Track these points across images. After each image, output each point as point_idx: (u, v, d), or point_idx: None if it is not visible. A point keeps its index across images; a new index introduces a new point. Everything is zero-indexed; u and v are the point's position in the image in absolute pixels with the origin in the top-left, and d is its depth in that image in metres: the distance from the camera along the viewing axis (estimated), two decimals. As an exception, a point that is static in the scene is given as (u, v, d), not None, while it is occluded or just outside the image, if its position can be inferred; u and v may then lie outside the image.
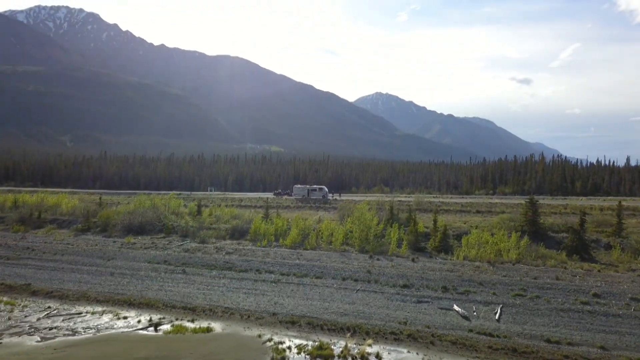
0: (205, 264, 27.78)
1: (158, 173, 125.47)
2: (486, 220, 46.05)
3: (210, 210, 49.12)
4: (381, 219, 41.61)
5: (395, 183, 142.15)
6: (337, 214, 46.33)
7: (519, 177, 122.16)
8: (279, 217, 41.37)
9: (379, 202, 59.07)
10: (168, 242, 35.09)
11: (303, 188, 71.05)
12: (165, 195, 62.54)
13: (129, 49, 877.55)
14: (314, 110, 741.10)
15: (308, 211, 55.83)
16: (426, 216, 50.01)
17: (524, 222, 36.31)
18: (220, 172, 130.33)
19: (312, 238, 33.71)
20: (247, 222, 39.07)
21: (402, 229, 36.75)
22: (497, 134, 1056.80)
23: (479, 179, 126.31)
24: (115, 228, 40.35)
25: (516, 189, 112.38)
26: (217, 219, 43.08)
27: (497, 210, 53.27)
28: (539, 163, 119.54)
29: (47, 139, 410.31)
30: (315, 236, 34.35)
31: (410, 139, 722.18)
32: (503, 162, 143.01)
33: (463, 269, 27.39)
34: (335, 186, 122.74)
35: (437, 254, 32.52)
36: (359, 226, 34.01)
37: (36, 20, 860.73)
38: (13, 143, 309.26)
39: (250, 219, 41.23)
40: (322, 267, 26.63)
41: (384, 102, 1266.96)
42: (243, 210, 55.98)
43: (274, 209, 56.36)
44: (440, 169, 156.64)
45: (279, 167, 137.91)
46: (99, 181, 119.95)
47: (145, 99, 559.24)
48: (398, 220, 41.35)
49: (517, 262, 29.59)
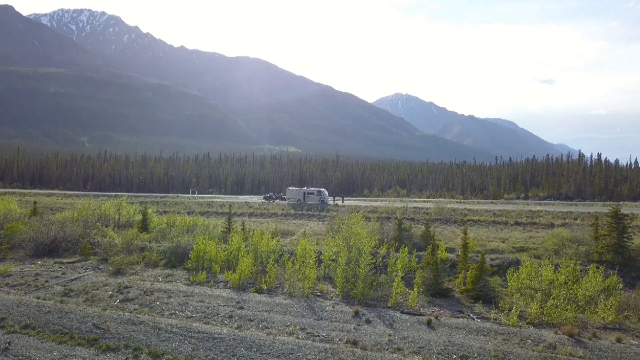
0: (62, 326, 15.20)
1: (154, 174, 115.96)
2: (533, 237, 33.42)
3: (166, 220, 37.95)
4: (385, 236, 29.45)
5: (412, 185, 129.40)
6: (327, 227, 34.45)
7: (553, 178, 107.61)
8: (243, 232, 29.73)
9: (389, 210, 46.77)
10: (62, 273, 23.95)
11: (298, 191, 59.32)
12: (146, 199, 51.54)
13: (149, 51, 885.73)
14: (332, 111, 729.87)
15: (297, 221, 44.03)
16: (449, 229, 37.60)
17: (602, 247, 23.63)
18: (221, 172, 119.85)
19: (271, 272, 21.91)
20: (193, 241, 27.66)
21: (414, 256, 24.59)
22: (519, 135, 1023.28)
23: (507, 181, 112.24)
24: (20, 246, 29.72)
25: (552, 192, 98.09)
26: (163, 234, 31.79)
27: (543, 221, 40.42)
28: (578, 163, 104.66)
29: (65, 139, 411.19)
30: (277, 269, 22.60)
31: (430, 140, 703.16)
32: (534, 162, 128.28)
33: (522, 350, 15.14)
34: (345, 188, 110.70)
35: (470, 303, 20.24)
36: (346, 252, 22.04)
37: (59, 23, 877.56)
38: (30, 143, 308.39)
39: (205, 235, 29.69)
40: (259, 344, 14.76)
41: (404, 103, 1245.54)
42: (215, 218, 44.52)
43: (257, 217, 44.68)
44: (463, 169, 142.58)
45: (285, 167, 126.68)
46: (90, 182, 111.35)
47: (164, 100, 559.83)
48: (410, 239, 29.17)
49: (614, 328, 17.20)
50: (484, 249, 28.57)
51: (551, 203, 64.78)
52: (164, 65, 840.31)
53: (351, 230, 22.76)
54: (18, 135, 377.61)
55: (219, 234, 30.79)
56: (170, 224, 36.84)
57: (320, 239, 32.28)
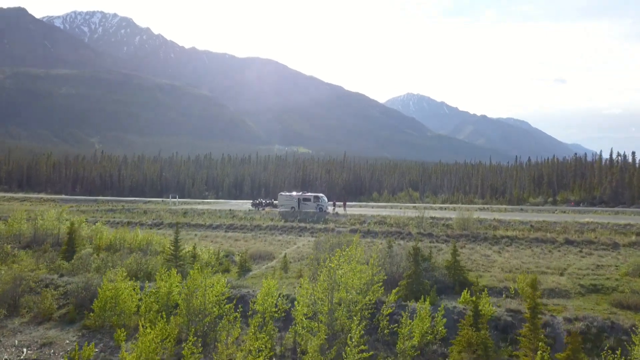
0: None
1: (148, 176, 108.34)
2: (601, 265, 24.19)
3: (112, 237, 29.59)
4: (396, 267, 20.48)
5: (426, 187, 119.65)
6: (310, 260, 25.33)
7: (583, 181, 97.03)
8: (194, 261, 21.02)
9: (400, 222, 37.72)
10: None
11: (291, 197, 50.48)
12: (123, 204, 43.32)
13: (160, 52, 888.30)
14: (343, 111, 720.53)
15: (284, 237, 35.24)
16: (480, 252, 28.53)
17: None
18: (218, 174, 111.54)
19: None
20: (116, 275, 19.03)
21: (440, 314, 15.43)
22: (532, 135, 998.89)
23: (531, 183, 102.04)
24: None
25: (583, 195, 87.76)
26: (85, 262, 23.21)
27: (602, 238, 31.12)
28: (615, 164, 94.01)
29: (76, 141, 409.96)
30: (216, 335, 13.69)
31: (442, 140, 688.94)
32: (558, 162, 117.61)
33: None
34: (352, 191, 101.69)
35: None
36: (327, 311, 13.15)
37: (72, 25, 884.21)
38: (40, 145, 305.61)
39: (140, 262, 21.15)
40: None
41: (415, 103, 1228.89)
42: (187, 232, 36.08)
43: (236, 230, 36.34)
44: (480, 170, 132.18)
45: (289, 168, 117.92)
46: (80, 185, 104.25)
47: (175, 100, 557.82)
48: (431, 273, 20.18)
49: None
50: (540, 288, 19.40)
51: (592, 210, 54.95)
52: (175, 66, 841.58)
53: (335, 277, 13.71)
54: (29, 137, 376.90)
55: (161, 262, 22.11)
56: (116, 243, 28.32)
57: (304, 269, 23.38)
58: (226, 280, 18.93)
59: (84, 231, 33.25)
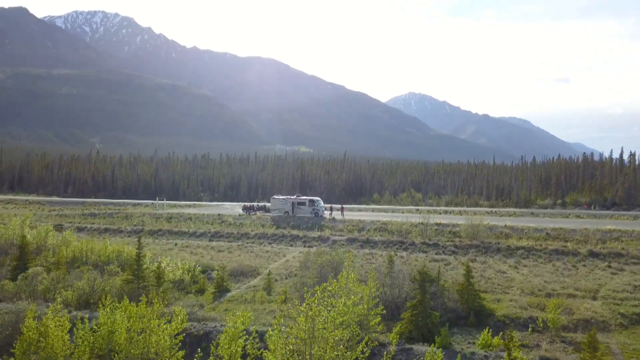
0: None
1: (141, 176, 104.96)
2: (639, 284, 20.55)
3: (80, 247, 26.30)
4: (398, 292, 17.06)
5: (429, 187, 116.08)
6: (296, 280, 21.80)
7: (592, 182, 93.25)
8: (157, 285, 17.56)
9: (402, 229, 34.21)
10: None
11: (285, 201, 46.94)
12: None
13: (162, 52, 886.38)
14: (345, 110, 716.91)
15: (273, 247, 31.81)
16: (494, 267, 25.04)
17: None
18: (215, 174, 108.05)
19: None
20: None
21: (458, 356, 11.85)
22: (535, 134, 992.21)
23: (538, 184, 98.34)
24: None
25: (594, 197, 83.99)
26: (30, 282, 19.83)
27: (632, 250, 27.54)
28: (626, 165, 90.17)
29: (76, 141, 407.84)
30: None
31: (444, 140, 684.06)
32: (564, 162, 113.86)
33: None
34: (352, 192, 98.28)
35: None
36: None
37: (74, 25, 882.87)
38: (40, 145, 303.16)
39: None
40: None
41: (417, 102, 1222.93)
42: (168, 240, 32.80)
43: (220, 239, 33.21)
44: (484, 170, 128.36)
45: (287, 168, 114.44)
46: (72, 186, 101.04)
47: (176, 100, 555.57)
48: (439, 300, 16.69)
49: None
50: (569, 318, 15.90)
51: (609, 215, 51.30)
52: (177, 66, 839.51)
53: (314, 326, 10.11)
54: (29, 137, 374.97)
55: (120, 284, 18.66)
56: (82, 256, 25.01)
57: (290, 290, 19.95)
58: (194, 309, 15.51)
59: (50, 240, 29.92)
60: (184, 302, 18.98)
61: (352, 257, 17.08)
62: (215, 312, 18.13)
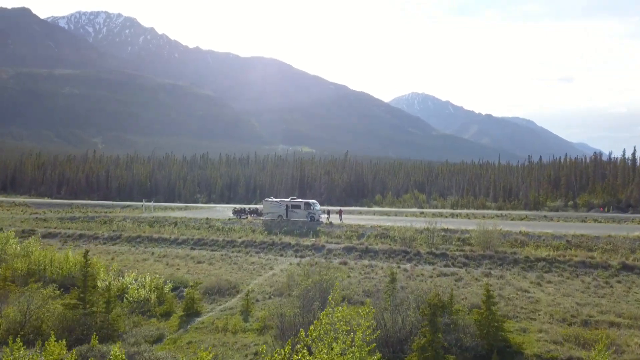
0: None
1: (136, 177, 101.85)
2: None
3: (43, 257, 23.02)
4: (403, 322, 13.45)
5: (433, 188, 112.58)
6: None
7: (603, 182, 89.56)
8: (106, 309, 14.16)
9: (406, 236, 30.54)
10: None
11: (278, 204, 43.55)
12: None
13: (164, 52, 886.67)
14: (347, 110, 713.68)
15: (261, 257, 28.44)
16: (513, 284, 21.39)
17: None
18: (212, 175, 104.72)
19: None
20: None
21: None
22: (538, 134, 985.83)
23: (547, 185, 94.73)
24: None
25: (607, 199, 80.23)
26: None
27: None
28: (632, 164, 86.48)
29: (78, 141, 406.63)
30: None
31: (448, 140, 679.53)
32: (573, 162, 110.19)
33: None
34: (354, 193, 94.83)
35: None
36: None
37: (77, 25, 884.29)
38: (43, 145, 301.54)
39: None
40: None
41: (420, 102, 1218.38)
42: (146, 248, 29.35)
43: (204, 247, 29.88)
44: (489, 171, 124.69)
45: (287, 168, 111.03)
46: (65, 187, 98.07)
47: (178, 100, 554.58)
48: (454, 335, 13.05)
49: None
50: (618, 358, 12.38)
51: (629, 218, 47.59)
52: (179, 66, 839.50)
53: None
54: (30, 137, 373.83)
55: (60, 310, 15.30)
56: (39, 269, 21.62)
57: (271, 316, 16.47)
58: (141, 349, 12.16)
59: (10, 250, 26.57)
60: (140, 330, 15.70)
61: (348, 273, 13.62)
62: (175, 346, 14.73)
